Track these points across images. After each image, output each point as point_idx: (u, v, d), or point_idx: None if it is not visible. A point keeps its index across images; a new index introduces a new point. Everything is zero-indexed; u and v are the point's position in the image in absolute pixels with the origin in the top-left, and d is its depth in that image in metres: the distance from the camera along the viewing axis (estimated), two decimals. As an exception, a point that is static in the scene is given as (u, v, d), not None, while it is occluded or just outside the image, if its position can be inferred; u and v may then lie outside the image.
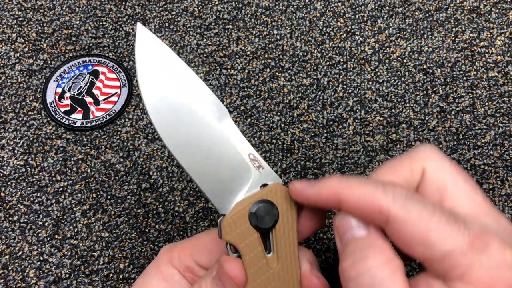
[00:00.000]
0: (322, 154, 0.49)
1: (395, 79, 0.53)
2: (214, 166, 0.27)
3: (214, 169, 0.27)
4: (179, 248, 0.31)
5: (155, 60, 0.27)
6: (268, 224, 0.26)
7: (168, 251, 0.31)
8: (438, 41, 0.55)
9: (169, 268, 0.30)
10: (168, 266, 0.30)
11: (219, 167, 0.27)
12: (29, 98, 0.53)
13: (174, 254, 0.30)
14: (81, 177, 0.49)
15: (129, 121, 0.51)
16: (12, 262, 0.45)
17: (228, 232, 0.26)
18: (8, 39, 0.56)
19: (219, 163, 0.27)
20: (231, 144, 0.27)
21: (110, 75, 0.54)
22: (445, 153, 0.49)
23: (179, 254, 0.30)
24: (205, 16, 0.57)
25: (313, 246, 0.46)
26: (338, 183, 0.24)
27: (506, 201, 0.47)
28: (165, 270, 0.30)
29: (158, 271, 0.30)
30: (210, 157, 0.27)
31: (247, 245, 0.26)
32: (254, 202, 0.26)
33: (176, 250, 0.30)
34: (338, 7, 0.57)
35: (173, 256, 0.30)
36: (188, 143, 0.26)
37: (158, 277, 0.30)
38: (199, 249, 0.30)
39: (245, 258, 0.26)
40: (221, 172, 0.27)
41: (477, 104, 0.51)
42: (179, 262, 0.30)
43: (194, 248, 0.30)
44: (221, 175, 0.27)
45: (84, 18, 0.57)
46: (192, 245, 0.30)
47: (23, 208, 0.47)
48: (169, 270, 0.30)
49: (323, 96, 0.52)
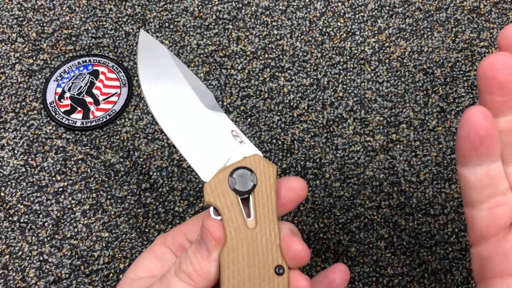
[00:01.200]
0: (322, 154, 0.49)
1: (395, 79, 0.53)
2: (199, 140, 0.31)
3: (199, 142, 0.31)
4: (172, 231, 0.32)
5: (154, 60, 0.33)
6: (246, 188, 0.28)
7: (162, 236, 0.32)
8: (438, 41, 0.55)
9: (161, 248, 0.32)
10: (161, 247, 0.32)
11: (204, 141, 0.31)
12: (29, 98, 0.53)
13: (167, 236, 0.32)
14: (81, 177, 0.49)
15: (129, 121, 0.51)
16: (12, 262, 0.45)
17: (209, 194, 0.28)
18: (8, 39, 0.56)
19: (204, 137, 0.31)
20: (215, 121, 0.31)
21: (110, 75, 0.54)
22: (445, 153, 0.49)
23: (172, 235, 0.32)
24: (205, 16, 0.57)
25: (313, 246, 0.46)
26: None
27: (506, 201, 0.47)
28: (157, 250, 0.31)
29: (151, 251, 0.32)
30: (197, 132, 0.31)
31: (226, 205, 0.28)
32: (234, 168, 0.29)
33: (170, 233, 0.32)
34: (338, 7, 0.57)
35: (166, 238, 0.32)
36: (177, 120, 0.31)
37: (151, 257, 0.31)
38: (191, 227, 0.32)
39: (224, 217, 0.28)
40: (206, 146, 0.31)
41: (477, 104, 0.51)
42: (172, 242, 0.32)
43: (187, 227, 0.32)
44: (205, 148, 0.31)
45: (84, 18, 0.57)
46: (185, 226, 0.32)
47: (23, 208, 0.47)
48: (161, 250, 0.32)
49: (323, 96, 0.52)
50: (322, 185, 0.48)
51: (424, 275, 0.44)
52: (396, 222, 0.46)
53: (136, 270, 0.31)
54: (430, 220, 0.46)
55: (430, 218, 0.46)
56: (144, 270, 0.31)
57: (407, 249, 0.45)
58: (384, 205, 0.47)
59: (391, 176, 0.48)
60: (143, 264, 0.31)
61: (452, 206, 0.47)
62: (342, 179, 0.48)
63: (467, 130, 0.24)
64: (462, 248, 0.45)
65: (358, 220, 0.46)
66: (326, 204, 0.47)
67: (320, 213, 0.47)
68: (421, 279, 0.44)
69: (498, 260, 0.25)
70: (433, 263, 0.45)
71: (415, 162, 0.49)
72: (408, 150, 0.49)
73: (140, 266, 0.31)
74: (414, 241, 0.45)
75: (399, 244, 0.45)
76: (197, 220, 0.32)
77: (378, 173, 0.48)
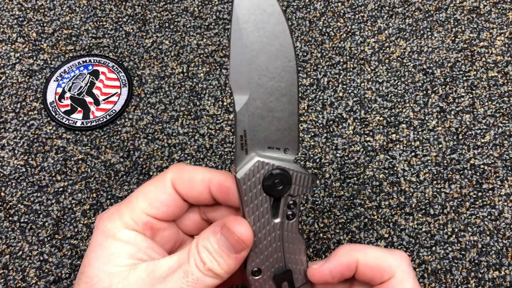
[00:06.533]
0: (322, 154, 0.49)
1: (395, 79, 0.53)
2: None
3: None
4: (124, 210, 0.30)
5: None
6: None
7: (111, 218, 0.29)
8: (438, 41, 0.55)
9: (126, 232, 0.29)
10: (125, 231, 0.29)
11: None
12: (29, 98, 0.53)
13: (124, 217, 0.29)
14: (81, 177, 0.49)
15: (129, 121, 0.51)
16: (12, 262, 0.45)
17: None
18: (8, 39, 0.56)
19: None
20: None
21: (110, 75, 0.54)
22: (445, 153, 0.49)
23: (131, 215, 0.29)
24: (205, 16, 0.57)
25: (313, 246, 0.46)
26: (351, 247, 0.29)
27: (506, 201, 0.47)
28: (123, 235, 0.29)
29: (116, 239, 0.29)
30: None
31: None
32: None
33: (123, 213, 0.29)
34: (338, 7, 0.57)
35: (124, 219, 0.29)
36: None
37: (121, 244, 0.29)
38: (151, 203, 0.30)
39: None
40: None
41: (477, 104, 0.51)
42: (134, 223, 0.29)
43: (145, 203, 0.30)
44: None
45: (84, 18, 0.57)
46: (136, 203, 0.30)
47: (23, 208, 0.47)
48: (127, 234, 0.29)
49: (323, 96, 0.52)
50: (322, 185, 0.48)
51: (424, 275, 0.44)
52: (396, 222, 0.46)
53: (115, 261, 0.28)
54: (430, 220, 0.46)
55: (430, 218, 0.46)
56: (126, 257, 0.28)
57: (407, 249, 0.45)
58: (384, 205, 0.47)
59: (391, 176, 0.48)
60: (119, 253, 0.28)
61: (452, 206, 0.47)
62: (342, 179, 0.48)
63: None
64: (462, 248, 0.45)
65: (358, 220, 0.46)
66: (326, 204, 0.47)
67: (320, 213, 0.47)
68: (421, 279, 0.44)
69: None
70: (433, 263, 0.45)
71: (415, 162, 0.49)
72: (408, 150, 0.49)
73: (117, 255, 0.28)
74: (414, 241, 0.46)
75: (399, 244, 0.45)
76: (154, 193, 0.29)
77: (378, 173, 0.48)
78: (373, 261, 0.28)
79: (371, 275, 0.28)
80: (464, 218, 0.46)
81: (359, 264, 0.29)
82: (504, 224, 0.46)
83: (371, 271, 0.28)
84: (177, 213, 0.31)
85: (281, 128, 0.27)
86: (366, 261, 0.28)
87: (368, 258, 0.28)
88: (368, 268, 0.28)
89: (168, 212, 0.30)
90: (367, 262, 0.28)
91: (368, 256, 0.29)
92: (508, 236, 0.45)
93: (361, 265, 0.29)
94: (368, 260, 0.28)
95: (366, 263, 0.28)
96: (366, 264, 0.28)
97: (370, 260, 0.28)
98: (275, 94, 0.26)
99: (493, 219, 0.46)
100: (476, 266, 0.44)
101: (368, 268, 0.28)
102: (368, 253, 0.28)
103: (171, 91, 0.53)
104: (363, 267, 0.29)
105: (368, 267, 0.28)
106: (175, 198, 0.30)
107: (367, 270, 0.29)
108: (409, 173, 0.48)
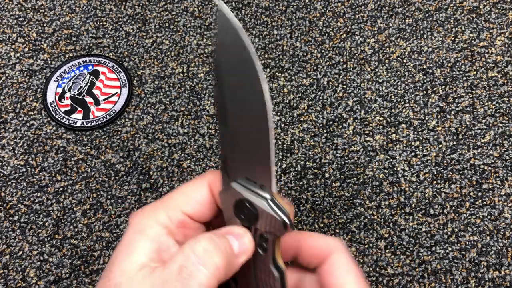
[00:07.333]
0: (322, 154, 0.49)
1: (395, 79, 0.53)
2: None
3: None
4: (159, 208, 0.30)
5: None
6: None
7: (144, 216, 0.30)
8: (438, 41, 0.55)
9: (156, 229, 0.29)
10: (154, 228, 0.29)
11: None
12: (29, 98, 0.53)
13: (158, 215, 0.30)
14: (81, 177, 0.49)
15: (129, 121, 0.51)
16: (13, 262, 0.45)
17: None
18: (8, 39, 0.56)
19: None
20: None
21: (110, 75, 0.54)
22: (445, 153, 0.49)
23: (166, 212, 0.30)
24: (205, 16, 0.57)
25: (313, 246, 0.46)
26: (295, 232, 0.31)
27: (506, 201, 0.47)
28: (151, 232, 0.29)
29: (144, 234, 0.29)
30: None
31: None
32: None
33: (159, 211, 0.30)
34: (338, 7, 0.57)
35: (158, 217, 0.29)
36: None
37: (146, 240, 0.29)
38: (189, 202, 0.30)
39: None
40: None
41: (477, 104, 0.51)
42: (169, 220, 0.29)
43: (183, 201, 0.30)
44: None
45: (84, 18, 0.57)
46: (176, 200, 0.30)
47: (23, 208, 0.47)
48: (155, 231, 0.29)
49: (323, 96, 0.52)
50: (322, 185, 0.48)
51: (424, 274, 0.44)
52: (396, 222, 0.46)
53: (133, 258, 0.27)
54: (430, 220, 0.46)
55: (430, 218, 0.46)
56: (145, 255, 0.28)
57: (407, 249, 0.45)
58: (384, 205, 0.47)
59: (391, 176, 0.48)
60: (139, 250, 0.28)
61: (452, 206, 0.47)
62: (342, 179, 0.48)
63: None
64: (462, 248, 0.45)
65: (358, 220, 0.47)
66: (326, 204, 0.47)
67: (320, 213, 0.47)
68: (421, 278, 0.44)
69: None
70: (433, 262, 0.45)
71: (415, 162, 0.49)
72: (408, 150, 0.49)
73: (137, 253, 0.28)
74: (414, 241, 0.46)
75: (399, 244, 0.45)
76: (191, 193, 0.30)
77: (378, 173, 0.48)
78: (312, 240, 0.31)
79: (315, 254, 0.31)
80: (464, 218, 0.46)
81: (302, 244, 0.31)
82: (504, 224, 0.46)
83: (312, 250, 0.31)
84: (210, 215, 0.31)
85: (257, 165, 0.27)
86: (308, 242, 0.31)
87: (309, 239, 0.32)
88: (309, 247, 0.31)
89: (204, 212, 0.30)
90: (309, 243, 0.31)
91: (309, 237, 0.32)
92: (508, 236, 0.45)
93: (303, 246, 0.31)
94: (308, 240, 0.31)
95: (308, 244, 0.31)
96: (308, 245, 0.31)
97: (310, 240, 0.31)
98: (252, 134, 0.27)
99: (493, 219, 0.46)
100: (476, 266, 0.44)
101: (309, 247, 0.31)
102: (309, 235, 0.32)
103: (171, 91, 0.53)
104: (306, 247, 0.31)
105: (309, 246, 0.31)
106: (211, 201, 0.30)
107: (308, 250, 0.31)
108: (409, 173, 0.48)
